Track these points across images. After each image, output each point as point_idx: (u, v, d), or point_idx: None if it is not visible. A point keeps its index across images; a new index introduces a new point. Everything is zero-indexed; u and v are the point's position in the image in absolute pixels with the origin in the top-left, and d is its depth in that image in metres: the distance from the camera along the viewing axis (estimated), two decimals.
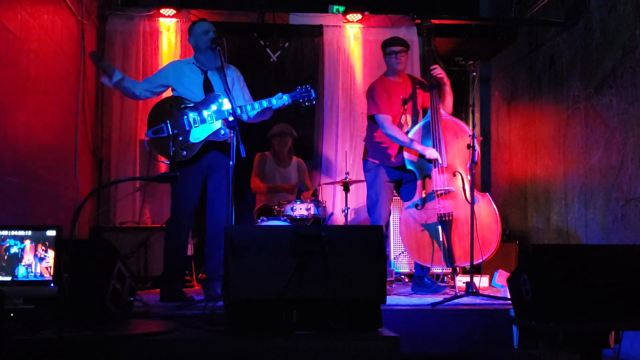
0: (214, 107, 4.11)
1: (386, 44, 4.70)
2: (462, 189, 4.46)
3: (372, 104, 4.64)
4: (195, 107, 4.13)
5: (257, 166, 5.75)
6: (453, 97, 4.68)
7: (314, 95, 4.18)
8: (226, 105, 4.08)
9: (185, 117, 4.12)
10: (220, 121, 4.09)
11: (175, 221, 4.19)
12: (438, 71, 4.56)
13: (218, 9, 6.34)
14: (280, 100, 4.15)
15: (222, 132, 4.09)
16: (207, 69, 4.24)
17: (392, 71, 4.68)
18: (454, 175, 4.49)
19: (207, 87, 4.21)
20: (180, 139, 4.10)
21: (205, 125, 4.11)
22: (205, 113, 4.11)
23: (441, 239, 4.41)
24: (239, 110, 4.08)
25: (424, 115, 4.74)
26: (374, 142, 4.68)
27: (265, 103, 4.14)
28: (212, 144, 4.13)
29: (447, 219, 4.38)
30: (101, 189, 5.85)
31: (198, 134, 4.10)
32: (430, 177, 4.49)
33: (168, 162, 4.24)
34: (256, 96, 4.69)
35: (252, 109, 4.14)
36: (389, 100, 4.60)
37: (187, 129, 4.11)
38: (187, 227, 4.21)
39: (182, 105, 4.13)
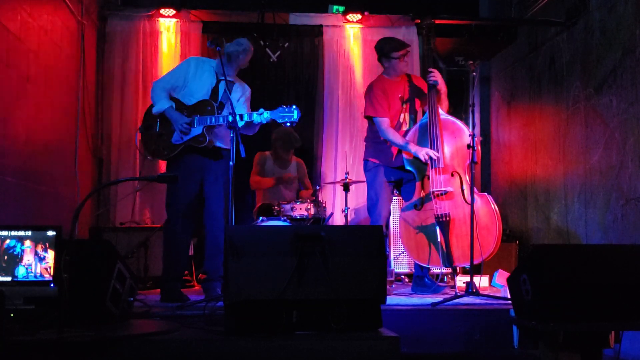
0: (199, 113, 4.15)
1: (392, 48, 4.60)
2: (460, 189, 4.46)
3: (369, 106, 4.64)
4: (183, 110, 4.18)
5: (257, 165, 5.75)
6: (448, 104, 4.70)
7: (296, 118, 3.95)
8: (212, 112, 4.11)
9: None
10: (201, 127, 4.12)
11: (169, 221, 4.22)
12: (435, 77, 4.55)
13: (218, 9, 6.34)
14: (260, 116, 4.05)
15: (201, 138, 4.12)
16: (221, 77, 4.23)
17: (395, 72, 4.66)
18: (452, 175, 4.48)
19: (214, 94, 4.24)
20: (164, 138, 4.19)
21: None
22: (192, 118, 4.14)
23: (439, 240, 4.40)
24: (221, 120, 4.07)
25: (423, 114, 4.74)
26: (375, 142, 4.68)
27: (246, 116, 4.09)
28: (195, 148, 4.16)
29: (444, 219, 4.38)
30: (101, 189, 5.85)
31: (179, 137, 4.16)
32: (429, 177, 4.48)
33: (151, 158, 4.37)
34: (256, 96, 4.71)
35: (234, 123, 3.93)
36: (387, 101, 4.59)
37: (172, 129, 4.17)
38: (184, 227, 4.21)
39: (174, 107, 4.18)
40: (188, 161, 4.18)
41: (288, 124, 4.00)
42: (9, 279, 3.06)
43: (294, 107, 4.00)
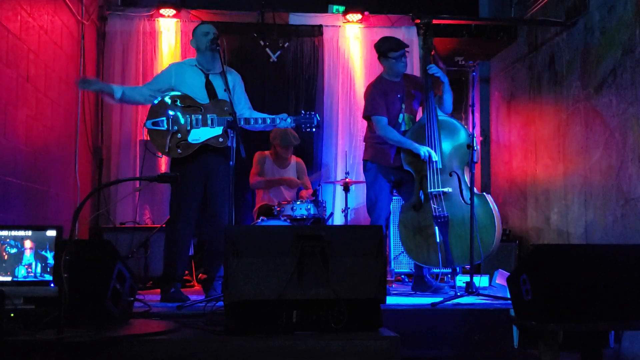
0: (217, 113, 4.13)
1: (389, 48, 4.60)
2: (458, 190, 4.46)
3: (368, 106, 4.65)
4: (199, 108, 4.15)
5: (257, 164, 5.75)
6: (452, 97, 4.68)
7: (316, 122, 4.24)
8: (229, 113, 4.08)
9: (188, 116, 4.14)
10: (221, 128, 4.12)
11: (174, 221, 4.20)
12: (434, 70, 4.55)
13: (218, 9, 6.35)
14: (284, 122, 4.22)
15: (221, 139, 4.12)
16: (208, 71, 4.26)
17: (395, 73, 4.66)
18: (450, 175, 4.48)
19: (210, 90, 4.24)
20: (179, 136, 4.13)
21: (206, 128, 4.13)
22: (209, 116, 4.13)
23: (438, 240, 4.40)
24: (242, 121, 4.12)
25: (422, 114, 4.74)
26: (374, 143, 4.68)
27: (268, 120, 4.20)
28: (210, 147, 4.15)
29: (442, 220, 4.38)
30: (101, 189, 5.85)
31: (197, 136, 4.12)
32: (427, 178, 4.48)
33: (161, 155, 4.29)
34: (256, 96, 4.70)
35: (256, 123, 4.19)
36: (386, 101, 4.59)
37: (188, 128, 4.13)
38: (187, 227, 4.20)
39: (187, 104, 4.15)
40: (196, 161, 4.15)
41: (308, 129, 4.27)
42: (9, 279, 3.06)
43: (313, 113, 4.26)
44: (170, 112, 4.16)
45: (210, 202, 4.23)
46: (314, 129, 4.27)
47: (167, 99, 4.21)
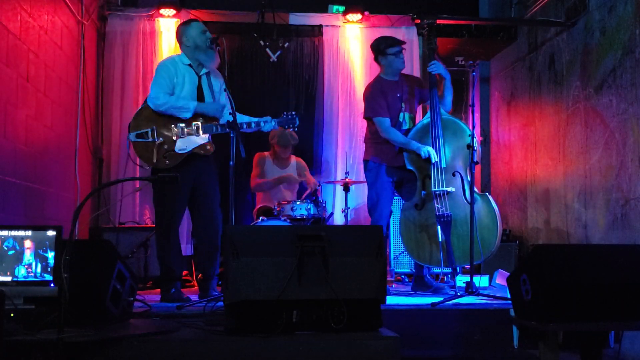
0: (201, 119, 4.08)
1: (387, 45, 4.62)
2: (461, 189, 4.46)
3: (368, 107, 4.65)
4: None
5: (257, 166, 5.74)
6: (453, 95, 4.68)
7: (297, 123, 4.31)
8: (216, 120, 4.07)
9: (173, 125, 4.06)
10: (207, 135, 4.07)
11: (164, 223, 4.14)
12: (436, 66, 4.55)
13: (218, 9, 6.34)
14: (268, 124, 4.24)
15: (208, 147, 4.08)
16: (202, 72, 4.21)
17: (394, 71, 4.66)
18: (453, 175, 4.49)
19: (199, 93, 4.19)
20: (165, 147, 4.04)
21: (192, 137, 4.06)
22: (193, 124, 4.07)
23: (440, 240, 4.40)
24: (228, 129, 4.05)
25: (423, 114, 4.74)
26: (375, 142, 4.68)
27: (253, 125, 4.18)
28: (197, 155, 4.09)
29: (445, 219, 4.38)
30: (101, 189, 5.85)
31: (183, 145, 4.05)
32: (430, 177, 4.49)
33: (148, 168, 4.14)
34: (256, 96, 4.70)
35: (241, 128, 4.08)
36: (386, 101, 4.60)
37: (174, 138, 4.05)
38: (176, 228, 4.17)
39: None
40: (183, 165, 4.07)
41: (290, 129, 4.37)
42: (9, 279, 3.06)
43: (294, 113, 4.32)
44: (155, 123, 4.05)
45: (201, 203, 4.18)
46: (295, 129, 4.36)
47: (148, 109, 4.08)
